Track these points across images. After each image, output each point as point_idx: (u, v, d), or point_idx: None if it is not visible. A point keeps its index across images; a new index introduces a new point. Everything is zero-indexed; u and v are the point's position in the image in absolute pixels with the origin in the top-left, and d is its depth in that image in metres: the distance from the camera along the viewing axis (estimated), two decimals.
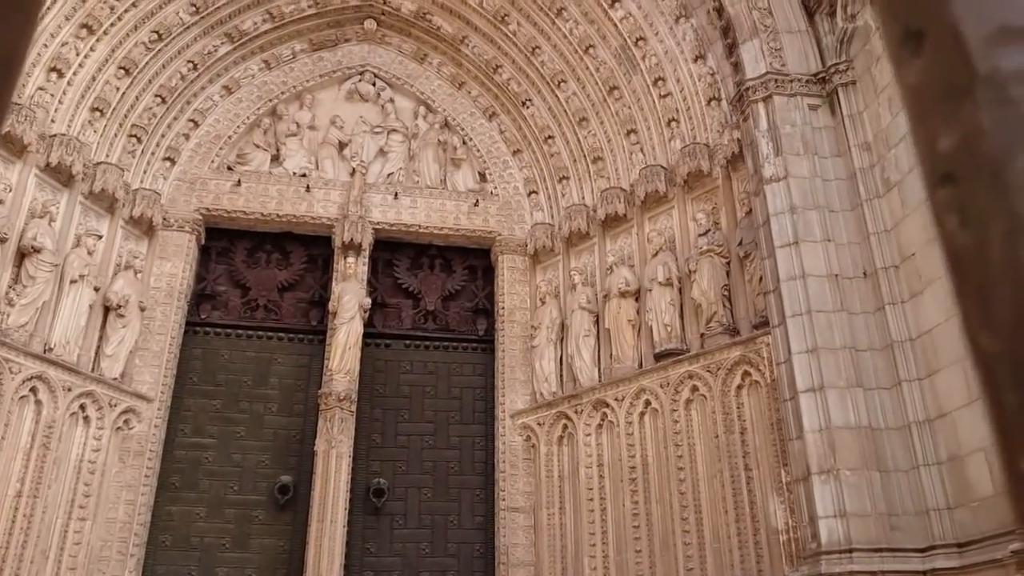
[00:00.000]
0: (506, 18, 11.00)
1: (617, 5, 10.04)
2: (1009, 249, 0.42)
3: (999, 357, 0.42)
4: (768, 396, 7.93)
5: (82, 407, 8.77)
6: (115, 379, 9.11)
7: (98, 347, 9.22)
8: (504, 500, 9.53)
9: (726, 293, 8.76)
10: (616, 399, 9.18)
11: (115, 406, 8.99)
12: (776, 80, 8.14)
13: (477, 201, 11.08)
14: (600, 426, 9.31)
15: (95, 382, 8.90)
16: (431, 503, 9.77)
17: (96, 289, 9.24)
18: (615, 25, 10.14)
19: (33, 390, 8.38)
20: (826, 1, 8.25)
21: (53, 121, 9.33)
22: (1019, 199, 0.42)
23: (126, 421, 9.07)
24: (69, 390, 8.65)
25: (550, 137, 11.10)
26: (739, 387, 8.30)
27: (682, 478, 8.42)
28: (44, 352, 8.61)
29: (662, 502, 8.51)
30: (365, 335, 9.98)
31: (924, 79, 0.48)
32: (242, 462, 9.57)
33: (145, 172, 10.28)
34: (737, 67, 8.53)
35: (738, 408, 8.24)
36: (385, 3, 11.46)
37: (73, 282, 9.02)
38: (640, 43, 9.98)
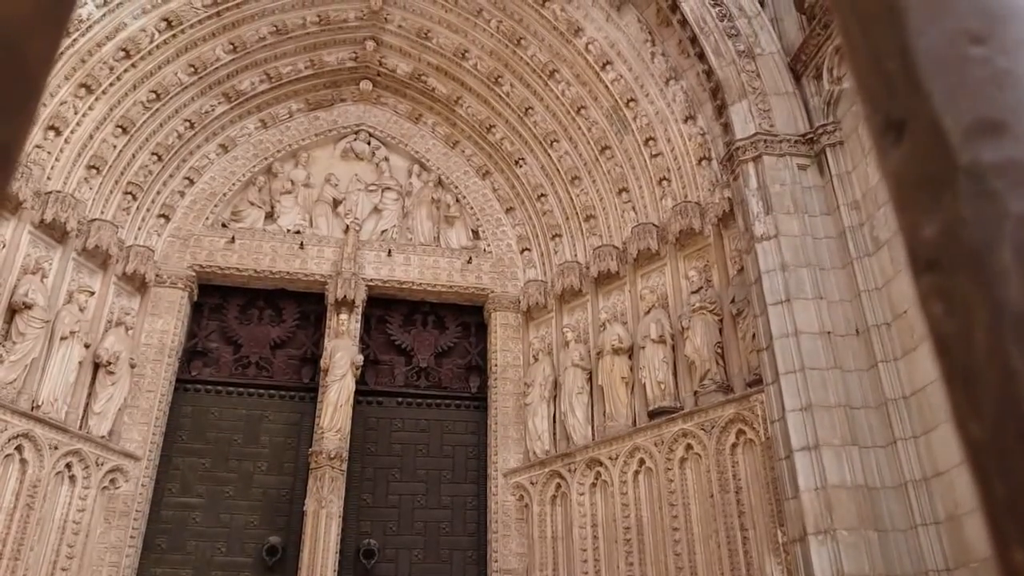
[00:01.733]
0: (499, 80, 11.21)
1: (608, 67, 10.25)
2: (994, 339, 0.42)
3: (987, 446, 0.42)
4: (763, 455, 7.87)
5: (68, 466, 8.63)
6: (103, 437, 8.98)
7: (86, 404, 9.11)
8: (496, 562, 9.35)
9: (719, 350, 8.75)
10: (610, 457, 9.09)
11: (102, 465, 8.85)
12: (765, 140, 8.26)
13: (470, 258, 11.12)
14: (594, 485, 9.19)
15: (82, 440, 8.78)
16: (422, 565, 9.58)
17: (87, 346, 9.17)
18: (606, 87, 10.32)
19: (19, 448, 8.26)
20: (812, 64, 8.44)
21: (49, 178, 9.38)
22: (1002, 289, 0.43)
23: (112, 480, 8.92)
24: (55, 448, 8.52)
25: (543, 195, 11.21)
26: (733, 445, 8.23)
27: (677, 539, 8.29)
28: (31, 409, 8.50)
29: (657, 563, 8.36)
30: (357, 392, 9.90)
31: (905, 168, 0.49)
32: (230, 522, 9.40)
33: (139, 229, 10.31)
34: (727, 128, 8.67)
35: (733, 467, 8.16)
36: (381, 64, 11.67)
37: (63, 338, 8.96)
38: (631, 104, 10.16)
